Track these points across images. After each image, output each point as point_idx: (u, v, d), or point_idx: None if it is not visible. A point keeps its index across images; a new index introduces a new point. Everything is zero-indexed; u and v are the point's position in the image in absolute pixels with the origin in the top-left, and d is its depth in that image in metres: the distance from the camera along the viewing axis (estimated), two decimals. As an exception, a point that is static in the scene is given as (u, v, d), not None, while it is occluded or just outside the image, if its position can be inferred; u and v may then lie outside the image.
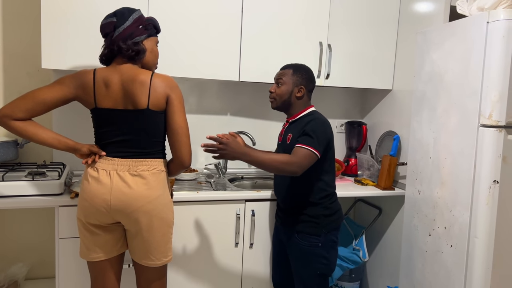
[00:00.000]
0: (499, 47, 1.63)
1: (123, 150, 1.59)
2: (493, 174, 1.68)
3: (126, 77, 1.56)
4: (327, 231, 1.86)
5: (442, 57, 1.93)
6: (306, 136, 1.75)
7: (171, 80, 1.61)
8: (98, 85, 1.56)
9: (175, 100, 1.58)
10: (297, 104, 1.91)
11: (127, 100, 1.56)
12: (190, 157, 1.62)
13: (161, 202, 1.61)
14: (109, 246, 1.65)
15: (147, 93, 1.55)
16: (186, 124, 1.61)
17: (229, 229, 2.07)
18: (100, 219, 1.59)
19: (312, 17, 2.31)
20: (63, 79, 1.59)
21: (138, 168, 1.58)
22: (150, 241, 1.61)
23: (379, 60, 2.46)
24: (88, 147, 1.61)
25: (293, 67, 1.92)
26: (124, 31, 1.57)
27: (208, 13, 2.15)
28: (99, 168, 1.58)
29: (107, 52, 1.60)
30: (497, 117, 1.66)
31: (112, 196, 1.55)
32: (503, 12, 1.64)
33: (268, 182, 2.56)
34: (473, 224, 1.73)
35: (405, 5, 2.43)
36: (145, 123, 1.58)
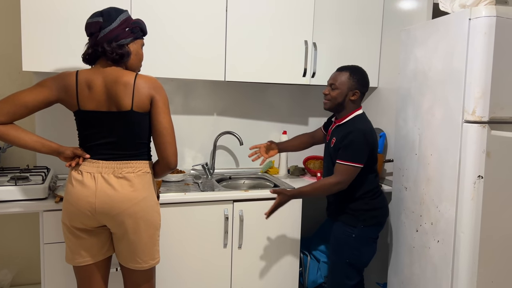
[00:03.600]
0: (481, 43, 1.65)
1: (107, 152, 1.57)
2: (478, 170, 1.69)
3: (109, 79, 1.54)
4: (363, 225, 1.94)
5: (426, 54, 1.94)
6: (345, 149, 1.86)
7: (155, 81, 1.58)
8: (81, 87, 1.54)
9: (159, 101, 1.56)
10: (349, 106, 1.96)
11: (111, 102, 1.54)
12: (176, 158, 1.61)
13: (147, 204, 1.59)
14: (95, 249, 1.62)
15: (131, 94, 1.52)
16: (171, 125, 1.59)
17: (218, 230, 2.06)
18: (85, 223, 1.56)
19: (297, 16, 2.31)
20: (45, 81, 1.56)
21: (123, 170, 1.56)
22: (137, 243, 1.59)
23: (364, 58, 2.47)
24: (72, 150, 1.58)
25: (350, 70, 1.95)
26: (109, 32, 1.54)
27: (193, 13, 2.13)
28: (83, 171, 1.56)
29: (91, 52, 1.57)
30: (480, 113, 1.68)
31: (97, 199, 1.53)
32: (485, 9, 1.65)
33: (256, 182, 2.55)
34: (459, 219, 1.74)
35: (389, 3, 2.45)
36: (129, 125, 1.56)
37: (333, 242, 2.03)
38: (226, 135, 2.54)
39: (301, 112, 2.78)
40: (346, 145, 1.87)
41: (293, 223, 2.20)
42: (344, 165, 1.85)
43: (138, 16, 2.02)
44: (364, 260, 1.99)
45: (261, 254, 2.17)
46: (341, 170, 1.86)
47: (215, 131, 2.56)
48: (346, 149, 1.87)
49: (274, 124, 2.73)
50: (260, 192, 2.17)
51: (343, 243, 1.97)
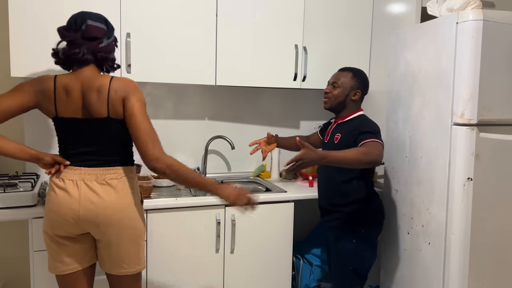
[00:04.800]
0: (469, 47, 1.67)
1: (89, 159, 1.53)
2: (467, 172, 1.71)
3: (86, 84, 1.49)
4: (364, 229, 1.93)
5: (415, 57, 1.96)
6: (366, 133, 1.79)
7: (129, 83, 1.52)
8: (59, 93, 1.49)
9: (133, 105, 1.49)
10: (350, 106, 1.97)
11: (88, 109, 1.49)
12: (152, 160, 1.47)
13: (132, 211, 1.56)
14: (79, 257, 1.59)
15: (106, 101, 1.48)
16: (146, 126, 1.49)
17: (210, 235, 2.05)
18: (68, 230, 1.53)
19: (287, 20, 2.31)
20: (22, 86, 1.50)
21: (106, 177, 1.52)
22: (122, 250, 1.56)
23: (354, 61, 2.46)
24: (51, 157, 1.54)
25: (353, 71, 1.98)
26: (110, 44, 1.56)
27: (183, 18, 2.13)
28: (65, 178, 1.51)
29: (89, 58, 1.50)
30: (469, 115, 1.69)
31: (81, 207, 1.49)
32: (472, 13, 1.68)
33: (248, 186, 2.55)
34: (449, 221, 1.76)
35: (378, 6, 2.47)
36: (108, 132, 1.53)
37: (334, 250, 2.01)
38: (218, 140, 2.54)
39: (292, 115, 2.78)
40: (365, 130, 1.80)
41: (285, 227, 2.20)
42: (372, 141, 1.74)
43: (129, 22, 2.03)
44: (367, 265, 1.98)
45: (253, 258, 2.16)
46: (371, 145, 1.73)
47: (206, 136, 2.55)
48: (367, 132, 1.79)
49: (266, 128, 2.72)
50: (252, 196, 2.17)
51: (345, 250, 1.94)
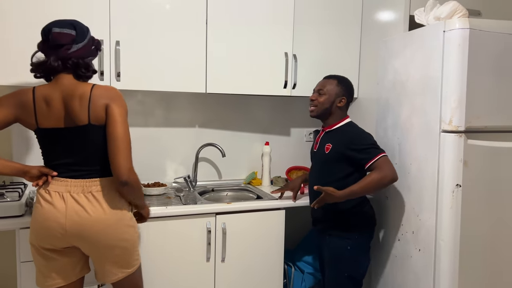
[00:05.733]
0: (456, 55, 1.69)
1: (74, 169, 1.50)
2: (456, 178, 1.72)
3: (66, 92, 1.47)
4: (357, 235, 1.94)
5: (404, 65, 1.98)
6: (365, 150, 1.85)
7: (111, 90, 1.52)
8: (39, 104, 1.47)
9: (114, 110, 1.46)
10: (336, 113, 1.98)
11: (69, 117, 1.47)
12: (125, 170, 1.44)
13: (121, 224, 1.53)
14: (67, 270, 1.56)
15: (87, 107, 1.46)
16: (123, 135, 1.46)
17: (200, 244, 2.04)
18: (54, 243, 1.50)
19: (277, 28, 2.32)
20: (1, 100, 1.48)
21: (92, 189, 1.50)
22: (113, 262, 1.55)
23: (344, 69, 2.48)
24: (38, 169, 1.51)
25: (338, 78, 2.01)
26: (82, 48, 1.50)
27: (173, 26, 2.13)
28: (51, 190, 1.49)
29: (57, 66, 1.46)
30: (457, 122, 1.71)
31: (68, 220, 1.46)
32: (458, 22, 1.70)
33: (239, 193, 2.54)
34: (439, 227, 1.77)
35: (367, 14, 2.49)
36: (90, 140, 1.50)
37: (329, 258, 2.00)
38: (208, 147, 2.53)
39: (283, 123, 2.79)
40: (362, 148, 1.85)
41: (276, 235, 2.19)
42: (378, 159, 1.81)
43: (119, 29, 2.02)
44: (362, 271, 1.99)
45: (244, 266, 2.15)
46: (380, 164, 1.80)
47: (197, 143, 2.54)
48: (364, 149, 1.85)
49: (256, 135, 2.73)
50: (243, 204, 2.16)
51: (340, 257, 1.95)
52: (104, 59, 2.01)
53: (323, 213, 2.00)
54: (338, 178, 1.92)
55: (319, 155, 2.02)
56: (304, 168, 2.68)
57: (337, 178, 1.92)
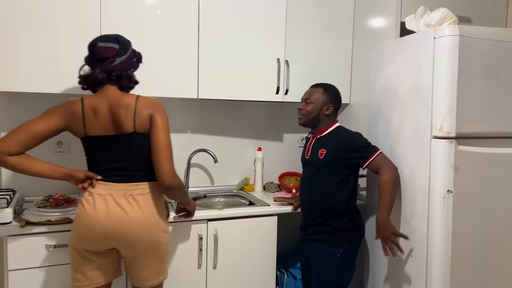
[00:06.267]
0: (446, 61, 1.70)
1: (117, 174, 1.60)
2: (447, 184, 1.72)
3: (112, 102, 1.58)
4: (347, 244, 1.95)
5: (395, 71, 1.99)
6: (360, 149, 1.90)
7: (154, 101, 1.63)
8: (87, 113, 1.57)
9: (157, 120, 1.58)
10: (324, 121, 2.01)
11: (115, 125, 1.58)
12: (169, 177, 1.57)
13: (158, 227, 1.62)
14: (106, 269, 1.64)
15: (133, 116, 1.57)
16: (166, 143, 1.59)
17: (192, 251, 2.02)
18: (95, 245, 1.58)
19: (269, 34, 2.33)
20: (53, 110, 1.59)
21: (133, 192, 1.58)
22: (147, 265, 1.63)
23: (336, 75, 2.51)
24: (83, 173, 1.60)
25: (324, 86, 2.03)
26: (125, 61, 1.61)
27: (165, 32, 2.12)
28: (94, 193, 1.57)
29: (102, 78, 1.58)
30: (447, 128, 1.71)
31: (109, 222, 1.54)
32: (448, 28, 1.71)
33: (231, 199, 2.53)
34: (431, 233, 1.76)
35: (359, 21, 2.50)
36: (134, 147, 1.60)
37: (317, 265, 2.00)
38: (201, 153, 2.52)
39: (275, 128, 2.78)
40: (358, 148, 1.90)
41: (269, 241, 2.18)
42: (376, 157, 1.87)
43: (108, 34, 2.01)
44: (348, 279, 1.99)
45: (236, 273, 2.13)
46: (379, 162, 1.86)
47: (189, 149, 2.53)
48: (358, 149, 1.90)
49: (249, 140, 2.72)
50: (235, 211, 2.15)
51: (329, 265, 1.95)
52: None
53: (314, 220, 2.01)
54: (334, 183, 1.94)
55: (313, 162, 2.02)
56: (297, 174, 2.68)
57: (333, 183, 1.94)
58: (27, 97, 2.16)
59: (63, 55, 1.95)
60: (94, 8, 1.99)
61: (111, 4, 2.01)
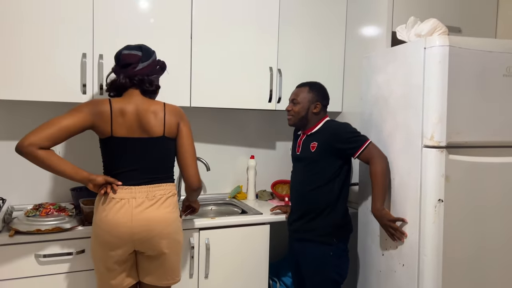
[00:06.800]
0: (436, 71, 1.71)
1: (138, 177, 1.65)
2: (438, 193, 1.73)
3: (141, 107, 1.66)
4: (338, 240, 1.98)
5: (386, 80, 2.00)
6: (351, 139, 1.94)
7: (180, 110, 1.76)
8: (115, 115, 1.63)
9: (184, 127, 1.73)
10: (313, 119, 2.04)
11: (142, 128, 1.65)
12: (196, 179, 1.74)
13: (178, 225, 1.72)
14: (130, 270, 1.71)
15: (162, 121, 1.67)
16: (192, 149, 1.75)
17: (183, 260, 2.00)
18: (121, 250, 1.61)
19: (262, 43, 2.34)
20: (81, 107, 1.63)
21: (156, 194, 1.65)
22: (171, 262, 1.70)
23: (328, 84, 2.47)
24: (103, 177, 1.63)
25: (309, 85, 2.06)
26: (147, 66, 1.70)
27: (158, 40, 2.11)
28: (116, 197, 1.61)
29: (125, 82, 1.68)
30: (438, 138, 1.73)
31: (134, 223, 1.59)
32: (438, 39, 1.73)
33: (224, 208, 2.52)
34: (422, 242, 1.77)
35: (351, 30, 2.53)
36: (160, 150, 1.69)
37: (311, 264, 2.00)
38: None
39: (268, 136, 2.79)
40: (345, 138, 1.94)
41: (261, 250, 2.18)
42: (366, 147, 1.90)
43: (102, 43, 2.01)
44: (343, 275, 2.02)
45: (228, 283, 2.12)
46: (370, 152, 1.90)
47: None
48: (349, 139, 1.94)
49: (242, 148, 2.72)
50: (227, 220, 2.14)
51: (323, 264, 1.97)
52: (87, 72, 1.99)
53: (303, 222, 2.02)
54: (326, 175, 1.97)
55: (305, 156, 2.04)
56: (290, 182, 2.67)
57: (325, 176, 1.97)
58: (20, 105, 2.15)
59: (58, 63, 1.96)
60: (87, 17, 1.98)
61: (104, 12, 2.01)
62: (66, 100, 1.97)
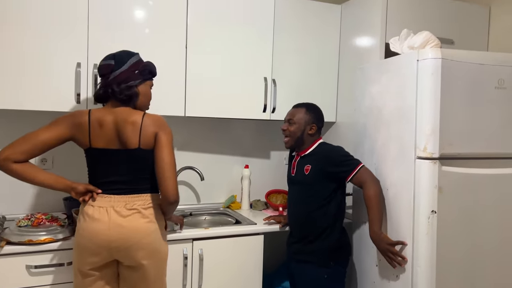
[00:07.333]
0: (429, 83, 1.73)
1: (118, 187, 1.64)
2: (431, 205, 1.74)
3: (119, 118, 1.63)
4: (335, 263, 1.97)
5: (380, 91, 2.01)
6: (343, 162, 1.94)
7: (160, 119, 1.69)
8: (93, 126, 1.63)
9: (162, 138, 1.64)
10: (308, 140, 2.05)
11: (120, 140, 1.63)
12: (174, 192, 1.63)
13: (158, 235, 1.67)
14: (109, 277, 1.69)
15: (138, 133, 1.62)
16: (171, 160, 1.64)
17: (176, 271, 1.99)
18: (98, 258, 1.61)
19: (257, 53, 2.35)
20: (59, 120, 1.64)
21: (134, 204, 1.63)
22: (149, 273, 1.65)
23: (322, 94, 2.53)
24: (84, 186, 1.65)
25: (306, 106, 2.06)
26: (119, 75, 1.65)
27: (153, 49, 2.12)
28: (95, 205, 1.62)
29: (102, 93, 1.68)
30: (431, 149, 1.74)
31: (111, 231, 1.58)
32: (431, 51, 1.74)
33: (218, 218, 2.51)
34: (415, 253, 1.77)
35: (345, 41, 2.54)
36: (137, 162, 1.66)
37: (306, 286, 2.01)
38: (187, 170, 2.50)
39: (262, 146, 2.79)
40: (338, 161, 1.94)
41: (255, 261, 2.16)
42: (358, 171, 1.90)
43: (97, 53, 2.00)
44: None
45: (222, 294, 2.11)
46: (362, 176, 1.90)
47: (175, 167, 2.51)
48: (341, 162, 1.94)
49: (236, 158, 2.72)
50: (221, 230, 2.13)
51: (318, 286, 1.97)
52: (82, 82, 1.99)
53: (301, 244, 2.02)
54: (321, 198, 1.96)
55: (299, 178, 2.04)
56: (284, 191, 2.68)
57: (320, 198, 1.96)
58: (14, 114, 2.14)
59: (53, 72, 1.96)
60: (82, 26, 1.99)
61: (99, 21, 2.02)
62: (60, 109, 1.97)
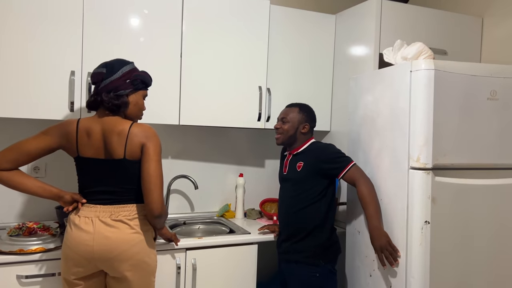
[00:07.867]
0: (422, 94, 1.74)
1: (104, 197, 1.63)
2: (424, 215, 1.74)
3: (106, 127, 1.62)
4: (324, 262, 1.97)
5: (373, 101, 2.02)
6: (335, 159, 1.97)
7: (148, 129, 1.64)
8: (81, 135, 1.63)
9: (149, 149, 1.60)
10: (300, 138, 2.07)
11: (106, 150, 1.62)
12: (159, 206, 1.60)
13: (145, 246, 1.64)
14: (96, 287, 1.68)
15: (124, 143, 1.60)
16: (157, 173, 1.60)
17: (169, 281, 1.98)
18: (83, 268, 1.60)
19: (251, 62, 2.36)
20: (48, 130, 1.66)
21: (119, 214, 1.62)
22: (133, 286, 1.63)
23: (317, 103, 2.51)
24: (71, 195, 1.65)
25: (299, 106, 2.10)
26: (109, 83, 1.64)
27: (147, 58, 2.12)
28: (81, 215, 1.61)
29: (92, 100, 1.67)
30: (424, 160, 1.74)
31: (95, 242, 1.57)
32: (424, 62, 1.76)
33: (212, 227, 2.50)
34: (409, 264, 1.77)
35: (339, 51, 2.56)
36: (123, 173, 1.63)
37: (297, 285, 2.01)
38: (181, 179, 2.50)
39: (257, 155, 2.79)
40: (330, 158, 1.97)
41: (249, 271, 2.15)
42: (350, 168, 1.93)
43: (91, 61, 2.00)
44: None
45: (215, 304, 2.09)
46: (354, 173, 1.92)
47: (169, 175, 2.50)
48: (333, 159, 1.97)
49: (230, 166, 2.71)
50: (214, 239, 2.12)
51: (309, 285, 1.97)
52: (75, 91, 1.99)
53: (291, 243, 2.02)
54: (312, 195, 1.98)
55: (291, 175, 2.06)
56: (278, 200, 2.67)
57: (311, 195, 1.98)
58: (7, 122, 2.13)
59: (47, 81, 1.95)
60: (76, 34, 1.99)
61: (94, 29, 2.02)
62: (54, 117, 1.96)
